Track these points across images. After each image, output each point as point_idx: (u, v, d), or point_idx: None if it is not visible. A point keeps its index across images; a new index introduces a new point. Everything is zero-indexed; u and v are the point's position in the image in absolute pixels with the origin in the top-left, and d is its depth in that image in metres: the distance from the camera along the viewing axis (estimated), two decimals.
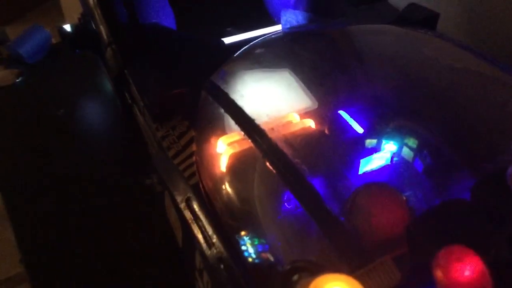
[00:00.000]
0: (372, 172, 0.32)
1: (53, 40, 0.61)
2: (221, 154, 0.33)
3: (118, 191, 0.44)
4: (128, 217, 0.42)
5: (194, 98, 0.38)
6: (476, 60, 0.35)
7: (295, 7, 0.55)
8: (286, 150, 0.29)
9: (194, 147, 0.36)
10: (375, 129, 0.32)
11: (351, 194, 0.26)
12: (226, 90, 0.36)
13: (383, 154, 0.32)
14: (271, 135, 0.30)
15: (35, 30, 0.61)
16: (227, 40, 0.49)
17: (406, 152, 0.31)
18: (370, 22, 0.47)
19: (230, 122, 0.34)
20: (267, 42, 0.43)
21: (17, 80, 0.58)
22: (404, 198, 0.25)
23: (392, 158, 0.32)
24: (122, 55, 0.42)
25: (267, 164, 0.28)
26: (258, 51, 0.42)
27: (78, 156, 0.49)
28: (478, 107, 0.32)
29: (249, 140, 0.31)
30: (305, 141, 0.32)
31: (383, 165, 0.32)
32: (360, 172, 0.31)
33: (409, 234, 0.22)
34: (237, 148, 0.34)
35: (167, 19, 0.52)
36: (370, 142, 0.32)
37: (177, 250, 0.35)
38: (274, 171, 0.28)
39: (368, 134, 0.33)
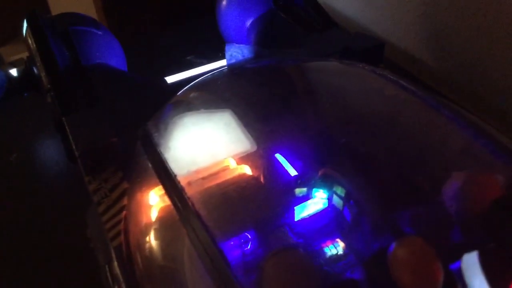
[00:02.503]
0: (310, 217, 0.30)
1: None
2: (149, 207, 0.32)
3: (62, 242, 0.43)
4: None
5: (127, 147, 0.36)
6: (413, 100, 0.34)
7: (247, 40, 0.54)
8: (203, 208, 0.27)
9: (125, 201, 0.34)
10: (307, 176, 0.31)
11: (260, 261, 0.24)
12: (158, 137, 0.35)
13: (318, 200, 0.31)
14: (189, 190, 0.29)
15: None
16: (176, 77, 0.48)
17: (336, 201, 0.30)
18: (319, 53, 0.46)
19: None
20: (208, 81, 0.42)
21: None
22: (318, 264, 0.24)
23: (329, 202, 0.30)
24: (60, 102, 0.41)
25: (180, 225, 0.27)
26: (197, 91, 0.41)
27: (31, 201, 0.48)
28: (411, 148, 0.31)
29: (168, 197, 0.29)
30: (234, 191, 0.31)
31: (320, 209, 0.31)
32: (296, 219, 0.30)
33: None
34: (166, 202, 0.33)
35: (115, 58, 0.50)
36: (301, 191, 0.31)
37: None
38: (186, 234, 0.26)
39: (300, 180, 0.31)
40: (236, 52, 0.46)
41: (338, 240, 0.28)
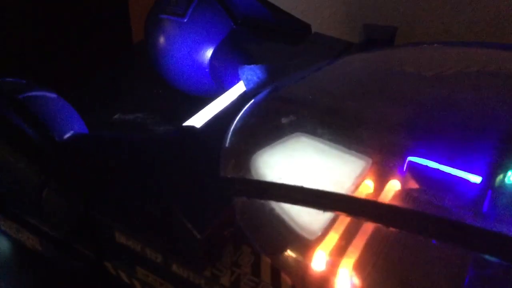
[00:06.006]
0: None
1: None
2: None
3: None
4: None
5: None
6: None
7: (211, 70, 0.47)
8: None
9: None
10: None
11: None
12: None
13: None
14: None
15: None
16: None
17: None
18: (325, 57, 0.41)
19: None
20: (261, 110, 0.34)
21: None
22: None
23: None
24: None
25: None
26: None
27: None
28: None
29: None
30: None
31: None
32: None
33: None
34: (354, 253, 0.24)
35: (78, 123, 0.37)
36: None
37: None
38: None
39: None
40: (251, 75, 0.39)
41: None
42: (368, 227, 0.25)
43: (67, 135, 0.34)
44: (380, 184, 0.28)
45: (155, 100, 0.54)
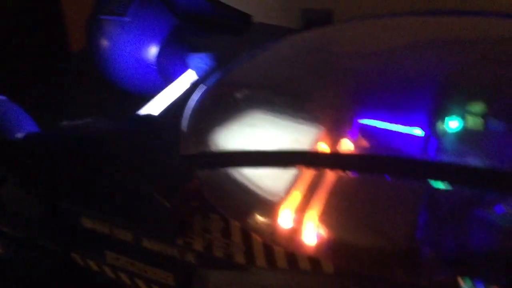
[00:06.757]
0: None
1: None
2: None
3: None
4: None
5: None
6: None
7: (158, 66, 0.47)
8: None
9: None
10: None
11: None
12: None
13: None
14: None
15: None
16: None
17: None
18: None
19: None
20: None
21: None
22: None
23: None
24: None
25: None
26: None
27: None
28: None
29: None
30: None
31: None
32: None
33: None
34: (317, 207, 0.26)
35: (29, 124, 0.37)
36: None
37: None
38: None
39: None
40: (200, 63, 0.40)
41: None
42: (327, 182, 0.27)
43: (20, 135, 0.34)
44: (334, 146, 0.29)
45: (103, 103, 0.54)
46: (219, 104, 0.34)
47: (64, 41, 0.63)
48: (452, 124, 0.29)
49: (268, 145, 0.29)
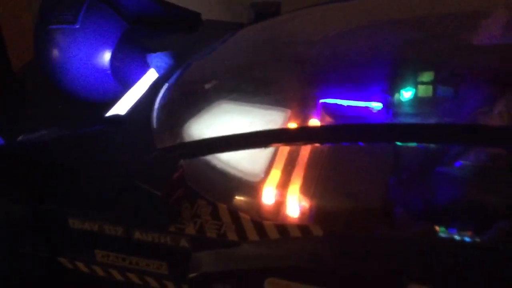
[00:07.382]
0: None
1: None
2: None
3: None
4: None
5: None
6: None
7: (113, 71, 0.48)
8: None
9: None
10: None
11: None
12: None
13: None
14: None
15: None
16: None
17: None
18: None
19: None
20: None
21: None
22: None
23: None
24: None
25: None
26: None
27: None
28: None
29: None
30: None
31: None
32: None
33: None
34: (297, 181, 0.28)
35: None
36: None
37: None
38: None
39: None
40: (160, 62, 0.40)
41: None
42: (302, 157, 0.29)
43: None
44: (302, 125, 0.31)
45: (58, 115, 0.53)
46: (187, 98, 0.36)
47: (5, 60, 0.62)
48: (406, 94, 0.32)
49: (240, 130, 0.31)
